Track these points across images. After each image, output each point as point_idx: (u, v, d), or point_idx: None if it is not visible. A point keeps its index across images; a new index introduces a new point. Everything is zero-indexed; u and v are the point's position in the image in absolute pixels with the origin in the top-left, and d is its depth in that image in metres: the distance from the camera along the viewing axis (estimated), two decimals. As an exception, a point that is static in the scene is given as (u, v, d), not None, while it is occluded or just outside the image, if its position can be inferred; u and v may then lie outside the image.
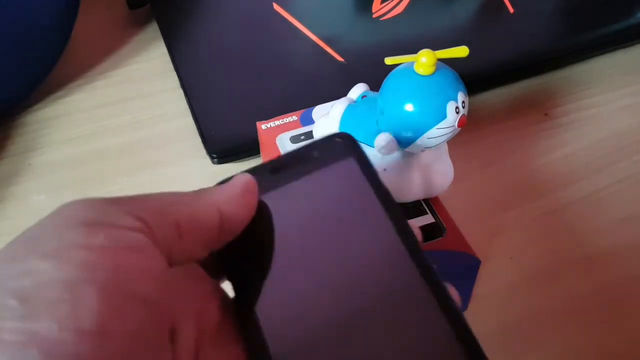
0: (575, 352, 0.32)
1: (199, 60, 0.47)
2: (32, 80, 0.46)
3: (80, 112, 0.46)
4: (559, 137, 0.43)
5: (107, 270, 0.15)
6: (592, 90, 0.46)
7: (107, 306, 0.15)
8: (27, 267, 0.15)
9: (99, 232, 0.16)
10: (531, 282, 0.35)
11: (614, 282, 0.35)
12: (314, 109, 0.37)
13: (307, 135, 0.35)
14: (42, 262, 0.15)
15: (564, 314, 0.33)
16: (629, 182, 0.40)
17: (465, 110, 0.28)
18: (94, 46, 0.51)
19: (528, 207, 0.38)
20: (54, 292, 0.15)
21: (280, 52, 0.47)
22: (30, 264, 0.15)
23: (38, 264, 0.15)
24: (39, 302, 0.14)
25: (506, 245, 0.36)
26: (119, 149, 0.44)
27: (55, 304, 0.14)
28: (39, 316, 0.14)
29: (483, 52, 0.45)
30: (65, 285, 0.15)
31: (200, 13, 0.51)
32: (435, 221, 0.31)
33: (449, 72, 0.28)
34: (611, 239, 0.37)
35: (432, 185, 0.31)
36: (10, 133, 0.45)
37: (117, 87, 0.48)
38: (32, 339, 0.14)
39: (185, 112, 0.44)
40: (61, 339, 0.14)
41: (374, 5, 0.50)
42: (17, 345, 0.14)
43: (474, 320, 0.33)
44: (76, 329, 0.14)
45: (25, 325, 0.14)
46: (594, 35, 0.48)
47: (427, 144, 0.29)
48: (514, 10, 0.49)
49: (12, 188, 0.41)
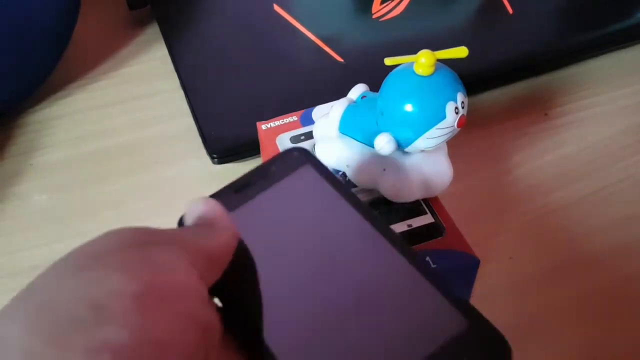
0: (576, 352, 0.32)
1: (199, 61, 0.47)
2: (33, 80, 0.46)
3: (81, 113, 0.46)
4: (559, 137, 0.43)
5: (166, 286, 0.16)
6: (592, 90, 0.46)
7: (167, 319, 0.16)
8: (96, 277, 0.16)
9: (160, 253, 0.17)
10: (531, 282, 0.35)
11: (614, 282, 0.35)
12: (314, 109, 0.37)
13: (307, 136, 0.35)
14: (111, 274, 0.16)
15: (564, 313, 0.33)
16: (629, 182, 0.40)
17: (464, 111, 0.28)
18: (94, 47, 0.52)
19: (528, 207, 0.38)
20: (123, 303, 0.15)
21: (280, 52, 0.47)
22: (99, 274, 0.16)
23: (106, 275, 0.16)
24: (109, 310, 0.15)
25: (506, 245, 0.36)
26: (119, 149, 0.44)
27: (125, 314, 0.15)
28: (110, 324, 0.15)
29: (483, 53, 0.45)
30: (134, 297, 0.16)
31: (200, 13, 0.51)
32: (435, 221, 0.31)
33: (448, 72, 0.28)
34: (611, 239, 0.37)
35: (431, 185, 0.31)
36: (12, 133, 0.45)
37: (117, 87, 0.48)
38: (104, 346, 0.14)
39: (185, 112, 0.44)
40: (131, 346, 0.15)
41: (373, 6, 0.50)
42: (88, 350, 0.14)
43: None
44: (144, 338, 0.15)
45: (97, 332, 0.15)
46: (594, 35, 0.48)
47: (426, 144, 0.29)
48: (513, 11, 0.49)
49: (14, 188, 0.41)
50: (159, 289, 0.16)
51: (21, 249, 0.38)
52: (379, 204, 0.32)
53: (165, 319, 0.16)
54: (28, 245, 0.38)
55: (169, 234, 0.19)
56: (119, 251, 0.17)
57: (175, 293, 0.17)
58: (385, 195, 0.31)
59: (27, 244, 0.38)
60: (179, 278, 0.17)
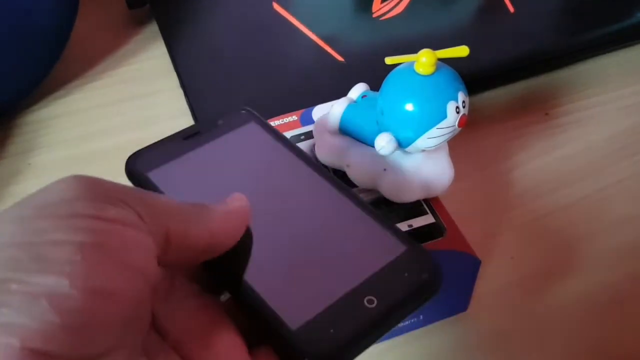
0: (576, 352, 0.32)
1: (199, 60, 0.47)
2: (32, 80, 0.46)
3: (80, 112, 0.46)
4: (559, 137, 0.43)
5: (115, 239, 0.16)
6: (592, 90, 0.46)
7: (113, 271, 0.16)
8: (39, 227, 0.16)
9: (108, 207, 0.17)
10: (531, 282, 0.35)
11: (615, 282, 0.35)
12: (314, 109, 0.37)
13: (307, 135, 0.35)
14: (54, 224, 0.16)
15: (564, 314, 0.33)
16: (629, 182, 0.40)
17: (465, 110, 0.28)
18: (93, 46, 0.51)
19: (528, 207, 0.38)
20: (65, 253, 0.15)
21: (280, 52, 0.47)
22: (42, 225, 0.16)
23: (49, 225, 0.16)
24: (50, 259, 0.15)
25: (506, 245, 0.36)
26: (118, 148, 0.43)
27: (66, 263, 0.15)
28: (50, 272, 0.15)
29: (483, 52, 0.44)
30: (77, 247, 0.16)
31: (200, 13, 0.51)
32: (435, 221, 0.31)
33: (449, 71, 0.28)
34: (612, 239, 0.37)
35: (432, 185, 0.31)
36: (10, 133, 0.45)
37: (116, 87, 0.48)
38: (42, 291, 0.15)
39: (185, 112, 0.44)
40: (71, 294, 0.15)
41: (374, 5, 0.50)
42: (25, 295, 0.14)
43: (474, 320, 0.33)
44: (85, 288, 0.15)
45: (36, 278, 0.15)
46: (594, 35, 0.48)
47: (427, 144, 0.29)
48: (514, 10, 0.49)
49: (12, 188, 0.41)
50: (105, 242, 0.16)
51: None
52: (379, 204, 0.32)
53: (109, 270, 0.16)
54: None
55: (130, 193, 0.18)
56: (69, 202, 0.17)
57: (122, 247, 0.16)
58: (386, 195, 0.31)
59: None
60: (128, 233, 0.17)
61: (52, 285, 0.15)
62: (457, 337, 0.32)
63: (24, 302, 0.14)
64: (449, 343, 0.32)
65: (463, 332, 0.33)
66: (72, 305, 0.15)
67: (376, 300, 0.20)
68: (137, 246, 0.17)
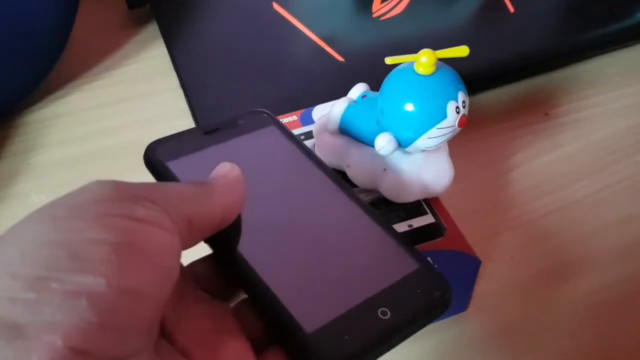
0: (576, 352, 0.32)
1: (199, 60, 0.47)
2: (32, 80, 0.46)
3: (80, 112, 0.46)
4: (559, 137, 0.43)
5: (146, 239, 0.17)
6: (592, 90, 0.46)
7: (143, 271, 0.16)
8: (73, 226, 0.16)
9: (138, 207, 0.17)
10: (531, 282, 0.35)
11: (615, 282, 0.35)
12: (314, 109, 0.37)
13: (307, 135, 0.35)
14: (88, 224, 0.16)
15: (564, 314, 0.33)
16: (629, 182, 0.40)
17: (465, 110, 0.28)
18: (93, 46, 0.51)
19: (528, 207, 0.38)
20: (100, 252, 0.16)
21: (280, 52, 0.47)
22: (77, 224, 0.16)
23: (84, 224, 0.16)
24: (87, 258, 0.15)
25: (506, 245, 0.36)
26: (118, 149, 0.44)
27: (102, 262, 0.15)
28: (88, 271, 0.15)
29: (483, 52, 0.44)
30: (112, 247, 0.16)
31: (200, 13, 0.51)
32: (435, 221, 0.31)
33: (449, 71, 0.28)
34: (612, 239, 0.37)
35: (432, 185, 0.31)
36: (10, 133, 0.45)
37: (116, 87, 0.48)
38: (82, 290, 0.15)
39: (185, 112, 0.44)
40: (108, 293, 0.15)
41: (374, 5, 0.50)
42: (66, 294, 0.15)
43: (474, 320, 0.33)
44: (119, 287, 0.15)
45: (75, 277, 0.15)
46: (594, 35, 0.48)
47: (427, 144, 0.29)
48: (514, 10, 0.49)
49: (12, 188, 0.41)
50: (137, 242, 0.16)
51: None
52: (379, 204, 0.32)
53: (141, 270, 0.16)
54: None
55: (153, 189, 0.19)
56: (99, 203, 0.17)
57: (152, 247, 0.17)
58: (386, 195, 0.31)
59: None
60: (158, 233, 0.17)
61: (90, 284, 0.15)
62: (457, 337, 0.32)
63: (64, 301, 0.15)
64: (449, 343, 0.32)
65: (463, 332, 0.33)
66: (108, 304, 0.15)
67: (389, 312, 0.20)
68: (164, 246, 0.17)
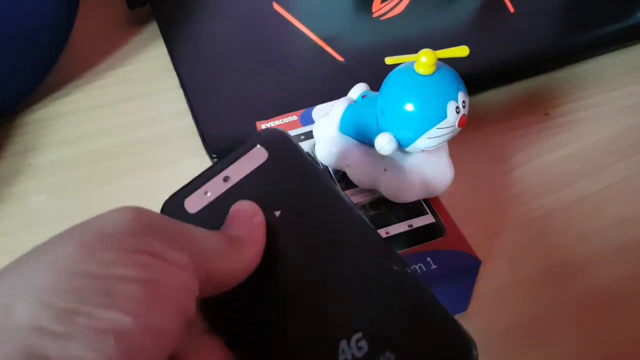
0: (576, 352, 0.32)
1: (199, 60, 0.47)
2: (32, 80, 0.46)
3: (80, 112, 0.46)
4: (559, 137, 0.43)
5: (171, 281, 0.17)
6: (592, 90, 0.46)
7: (166, 310, 0.17)
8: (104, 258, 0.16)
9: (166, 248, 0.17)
10: (531, 282, 0.35)
11: (614, 282, 0.35)
12: (314, 109, 0.37)
13: (307, 135, 0.35)
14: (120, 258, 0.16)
15: (565, 314, 0.33)
16: (629, 182, 0.40)
17: (465, 110, 0.28)
18: (93, 46, 0.51)
19: (528, 207, 0.38)
20: (130, 289, 0.16)
21: (280, 52, 0.47)
22: (107, 256, 0.16)
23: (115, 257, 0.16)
24: (116, 295, 0.16)
25: (506, 245, 0.36)
26: (118, 149, 0.44)
27: (130, 300, 0.16)
28: (117, 308, 0.15)
29: (483, 52, 0.44)
30: (141, 285, 0.16)
31: (200, 13, 0.50)
32: (435, 221, 0.31)
33: (449, 71, 0.28)
34: (611, 239, 0.37)
35: (432, 185, 0.31)
36: (10, 133, 0.45)
37: (116, 87, 0.48)
38: (108, 327, 0.15)
39: (185, 112, 0.44)
40: (134, 331, 0.15)
41: (374, 5, 0.50)
42: (94, 330, 0.15)
43: (474, 320, 0.33)
44: (146, 326, 0.16)
45: (105, 313, 0.15)
46: (594, 35, 0.47)
47: (427, 144, 0.29)
48: (514, 10, 0.49)
49: (12, 188, 0.41)
50: (162, 281, 0.17)
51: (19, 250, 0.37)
52: (379, 204, 0.32)
53: (164, 310, 0.16)
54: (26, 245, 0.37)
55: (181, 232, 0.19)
56: (131, 236, 0.17)
57: (176, 288, 0.17)
58: (386, 195, 0.31)
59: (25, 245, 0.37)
60: (182, 275, 0.17)
61: (117, 321, 0.15)
62: (457, 337, 0.32)
63: (91, 337, 0.15)
64: (449, 343, 0.32)
65: (463, 332, 0.33)
66: (133, 342, 0.15)
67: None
68: (185, 288, 0.18)
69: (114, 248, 0.16)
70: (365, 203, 0.32)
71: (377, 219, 0.31)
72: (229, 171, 0.24)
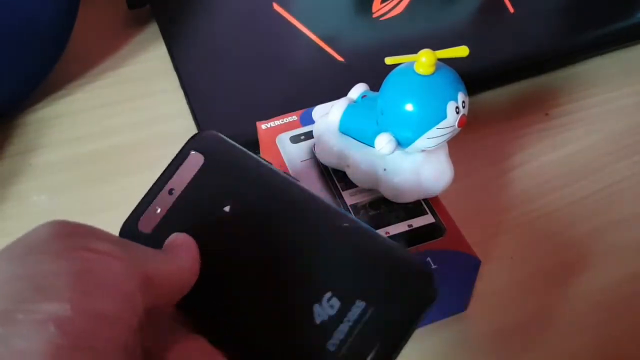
0: (576, 352, 0.32)
1: (199, 60, 0.47)
2: (32, 80, 0.46)
3: (80, 112, 0.46)
4: (559, 137, 0.43)
5: (105, 268, 0.18)
6: (592, 90, 0.46)
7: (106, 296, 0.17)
8: (35, 260, 0.17)
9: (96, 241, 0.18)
10: (531, 282, 0.35)
11: (614, 282, 0.35)
12: (314, 109, 0.37)
13: (307, 135, 0.35)
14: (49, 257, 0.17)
15: (564, 314, 0.33)
16: (629, 182, 0.40)
17: (465, 110, 0.28)
18: (93, 46, 0.51)
19: (528, 207, 0.38)
20: (63, 280, 0.17)
21: (280, 52, 0.47)
22: (38, 258, 0.17)
23: (44, 258, 0.17)
24: (50, 287, 0.16)
25: (506, 245, 0.36)
26: (119, 149, 0.44)
27: (65, 290, 0.16)
28: (52, 299, 0.16)
29: (483, 52, 0.44)
30: (73, 275, 0.17)
31: (200, 13, 0.51)
32: (435, 221, 0.31)
33: (449, 72, 0.28)
34: (611, 239, 0.37)
35: (432, 185, 0.31)
36: (11, 133, 0.45)
37: (117, 87, 0.48)
38: (47, 318, 0.16)
39: (185, 112, 0.44)
40: (74, 317, 0.16)
41: (374, 5, 0.50)
42: (33, 323, 0.16)
43: (474, 320, 0.33)
44: (85, 311, 0.16)
45: (41, 306, 0.16)
46: (594, 35, 0.48)
47: (427, 144, 0.29)
48: (514, 10, 0.49)
49: (13, 188, 0.41)
50: (96, 269, 0.17)
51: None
52: (379, 204, 0.32)
53: (103, 295, 0.17)
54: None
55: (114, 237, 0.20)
56: (54, 239, 0.18)
57: (111, 274, 0.18)
58: (386, 195, 0.31)
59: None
60: (114, 262, 0.18)
61: (55, 310, 0.16)
62: (457, 337, 0.33)
63: (32, 330, 0.15)
64: (449, 343, 0.32)
65: (463, 332, 0.33)
66: (75, 327, 0.16)
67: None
68: (123, 275, 0.18)
69: (43, 251, 0.17)
70: (365, 203, 0.32)
71: (377, 219, 0.31)
72: (172, 183, 0.25)
